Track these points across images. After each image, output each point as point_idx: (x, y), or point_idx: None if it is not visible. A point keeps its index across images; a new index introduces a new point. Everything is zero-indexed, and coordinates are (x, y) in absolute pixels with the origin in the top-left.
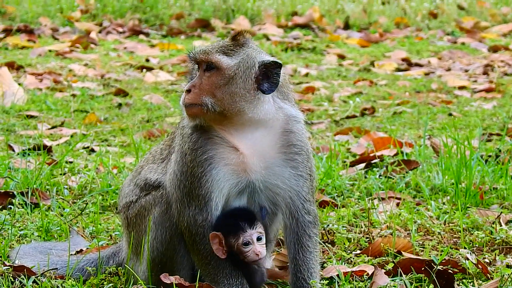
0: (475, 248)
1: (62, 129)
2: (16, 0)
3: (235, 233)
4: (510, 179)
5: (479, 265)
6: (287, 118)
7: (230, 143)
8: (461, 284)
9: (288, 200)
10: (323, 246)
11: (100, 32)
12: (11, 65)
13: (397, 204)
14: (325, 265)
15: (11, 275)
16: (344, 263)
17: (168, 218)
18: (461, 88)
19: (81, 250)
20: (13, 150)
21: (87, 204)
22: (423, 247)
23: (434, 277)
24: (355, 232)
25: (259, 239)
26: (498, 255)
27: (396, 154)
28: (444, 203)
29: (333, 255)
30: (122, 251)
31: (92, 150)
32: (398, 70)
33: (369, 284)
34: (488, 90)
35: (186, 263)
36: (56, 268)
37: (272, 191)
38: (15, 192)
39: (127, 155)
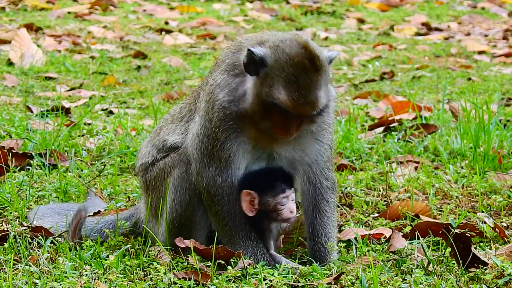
0: (492, 212)
1: (80, 91)
2: None
3: (274, 192)
4: None
5: (496, 229)
6: None
7: None
8: (478, 247)
9: (307, 167)
10: (341, 209)
11: None
12: (29, 27)
13: (415, 168)
14: (342, 228)
15: (29, 236)
16: (362, 226)
17: (187, 179)
18: (481, 52)
19: (99, 212)
20: (32, 112)
21: (105, 165)
22: (441, 211)
23: (452, 241)
24: (373, 196)
25: (292, 197)
26: None
27: (414, 118)
28: (462, 167)
29: (351, 218)
30: (140, 213)
31: (111, 112)
32: (418, 34)
33: (386, 247)
34: (507, 55)
35: (204, 224)
36: None
37: (293, 159)
38: (33, 153)
39: (145, 117)
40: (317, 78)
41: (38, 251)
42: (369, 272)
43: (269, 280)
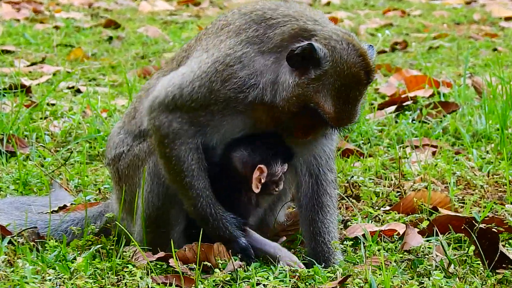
0: None
1: (43, 66)
2: None
3: (281, 161)
4: None
5: None
6: None
7: None
8: (507, 245)
9: (310, 156)
10: (347, 201)
11: None
12: None
13: (433, 153)
14: (348, 223)
15: None
16: (371, 221)
17: None
18: (508, 19)
19: (65, 206)
20: None
21: (71, 153)
22: (463, 203)
23: (475, 237)
24: (384, 186)
25: None
26: None
27: (432, 95)
28: (487, 152)
29: (358, 212)
30: (112, 208)
31: (78, 91)
32: None
33: (400, 245)
34: None
35: (182, 217)
36: (36, 227)
37: (293, 147)
38: None
39: (118, 97)
40: (365, 90)
41: None
42: (379, 274)
43: (263, 285)
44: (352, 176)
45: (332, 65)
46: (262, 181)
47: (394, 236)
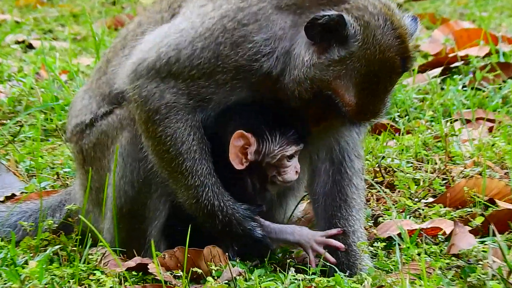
0: None
1: None
2: None
3: (284, 140)
4: None
5: None
6: None
7: None
8: None
9: (332, 139)
10: (377, 190)
11: None
12: None
13: (490, 129)
14: (380, 219)
15: None
16: (410, 217)
17: (141, 147)
18: None
19: (13, 196)
20: None
21: (22, 126)
22: None
23: None
24: (426, 171)
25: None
26: None
27: (488, 55)
28: None
29: (393, 204)
30: (74, 199)
31: (30, 46)
32: None
33: (446, 247)
34: None
35: (162, 209)
36: None
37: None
38: None
39: (82, 54)
40: (397, 80)
41: None
42: (420, 286)
43: None
44: (384, 158)
45: (361, 46)
46: (249, 157)
47: (439, 236)
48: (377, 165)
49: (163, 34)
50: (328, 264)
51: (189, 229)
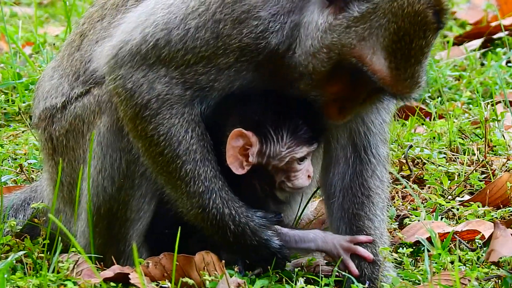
0: None
1: None
2: None
3: (294, 141)
4: None
5: None
6: None
7: None
8: None
9: (355, 123)
10: (404, 186)
11: None
12: None
13: None
14: (406, 221)
15: None
16: (441, 218)
17: (123, 134)
18: None
19: None
20: None
21: None
22: None
23: None
24: (462, 163)
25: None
26: None
27: None
28: None
29: (422, 203)
30: (42, 197)
31: None
32: None
33: (484, 254)
34: None
35: (146, 209)
36: None
37: None
38: None
39: (50, 22)
40: (433, 40)
41: None
42: None
43: None
44: (412, 147)
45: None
46: (251, 159)
47: (476, 240)
48: (403, 156)
49: (149, 11)
50: (342, 273)
51: (178, 232)
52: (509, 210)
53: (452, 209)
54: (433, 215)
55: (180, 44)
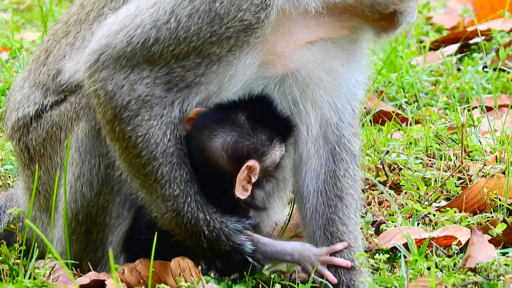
0: None
1: None
2: None
3: (280, 142)
4: None
5: None
6: None
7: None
8: None
9: (329, 112)
10: (381, 192)
11: None
12: None
13: None
14: (382, 226)
15: None
16: (418, 224)
17: (102, 140)
18: None
19: None
20: None
21: None
22: None
23: None
24: (438, 169)
25: None
26: None
27: None
28: None
29: (398, 209)
30: (18, 205)
31: None
32: None
33: (461, 260)
34: None
35: (127, 215)
36: None
37: (311, 92)
38: None
39: (26, 28)
40: None
41: None
42: None
43: None
44: (388, 152)
45: None
46: (253, 180)
47: (453, 246)
48: (380, 161)
49: (132, 13)
50: (317, 279)
51: (155, 238)
52: (486, 216)
53: (429, 215)
54: (409, 221)
55: (171, 39)
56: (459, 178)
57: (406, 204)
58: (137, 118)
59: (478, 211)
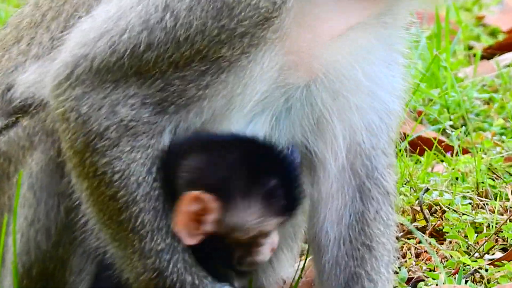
0: None
1: None
2: None
3: (270, 210)
4: None
5: None
6: None
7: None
8: None
9: (357, 128)
10: (418, 241)
11: None
12: None
13: None
14: (421, 284)
15: None
16: (466, 281)
17: (62, 174)
18: None
19: None
20: None
21: None
22: None
23: None
24: (492, 211)
25: None
26: None
27: None
28: None
29: (441, 262)
30: None
31: None
32: None
33: None
34: None
35: (90, 269)
36: None
37: (337, 101)
38: None
39: None
40: None
41: None
42: None
43: None
44: (428, 190)
45: None
46: (205, 227)
47: None
48: (417, 201)
49: (114, 16)
50: None
51: None
52: None
53: (480, 270)
54: (455, 278)
55: (168, 42)
56: None
57: (451, 256)
58: (116, 149)
59: None
